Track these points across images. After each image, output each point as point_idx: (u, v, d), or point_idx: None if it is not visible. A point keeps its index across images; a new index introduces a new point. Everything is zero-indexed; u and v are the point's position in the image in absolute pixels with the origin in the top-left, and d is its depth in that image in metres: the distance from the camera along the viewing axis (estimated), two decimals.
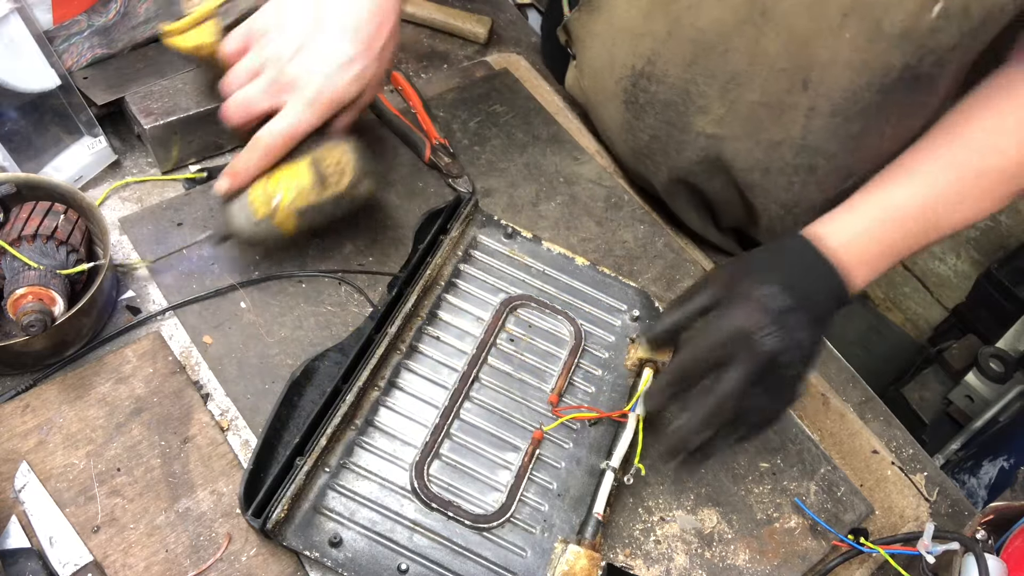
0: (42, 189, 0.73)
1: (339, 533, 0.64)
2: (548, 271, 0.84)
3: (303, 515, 0.64)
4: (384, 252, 0.84)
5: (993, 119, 0.70)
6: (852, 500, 0.77)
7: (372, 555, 0.64)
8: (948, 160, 0.69)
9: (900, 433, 0.87)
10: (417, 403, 0.73)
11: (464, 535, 0.67)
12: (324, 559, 0.63)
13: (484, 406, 0.74)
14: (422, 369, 0.75)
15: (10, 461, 0.65)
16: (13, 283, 0.67)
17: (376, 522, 0.66)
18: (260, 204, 0.73)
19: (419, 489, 0.67)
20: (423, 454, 0.69)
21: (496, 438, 0.72)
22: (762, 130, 0.80)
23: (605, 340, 0.81)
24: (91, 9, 0.89)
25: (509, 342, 0.78)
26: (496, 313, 0.79)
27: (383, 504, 0.67)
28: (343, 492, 0.67)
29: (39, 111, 0.83)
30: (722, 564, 0.71)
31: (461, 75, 1.04)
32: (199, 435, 0.69)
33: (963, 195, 0.70)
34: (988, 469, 1.42)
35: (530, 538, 0.68)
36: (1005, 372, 1.68)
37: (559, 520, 0.69)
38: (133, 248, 0.80)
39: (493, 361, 0.77)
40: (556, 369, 0.78)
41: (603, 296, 0.84)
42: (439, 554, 0.65)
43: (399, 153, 0.93)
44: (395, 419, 0.71)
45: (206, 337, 0.75)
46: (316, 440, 0.66)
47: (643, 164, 0.93)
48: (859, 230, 0.67)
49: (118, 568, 0.62)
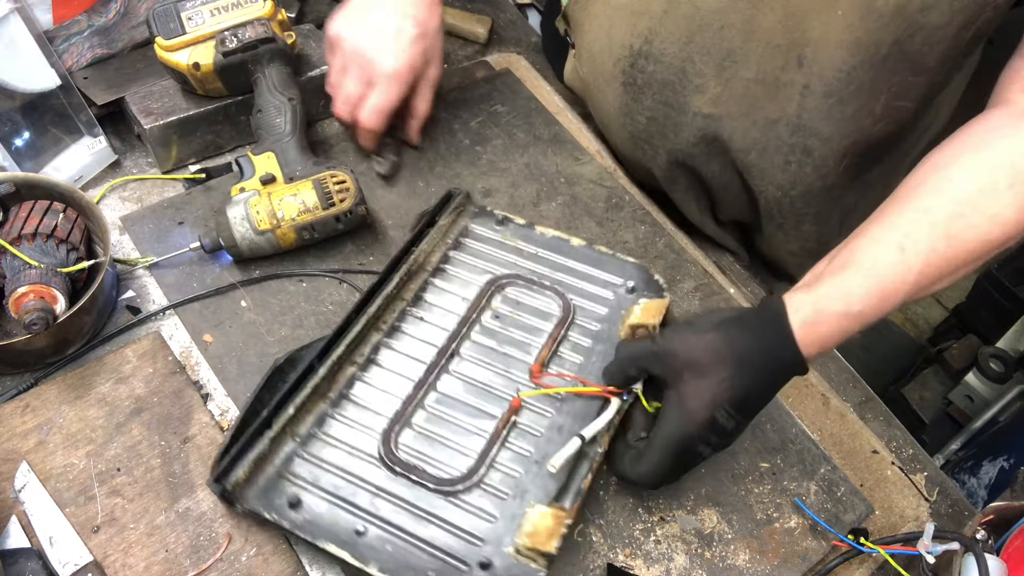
0: (41, 188, 0.73)
1: (299, 496, 0.65)
2: (541, 253, 0.84)
3: (266, 479, 0.65)
4: (384, 252, 0.84)
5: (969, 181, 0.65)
6: (852, 500, 0.77)
7: (331, 517, 0.64)
8: (936, 224, 0.64)
9: (900, 433, 0.87)
10: (394, 377, 0.73)
11: (429, 499, 0.66)
12: (281, 521, 0.63)
13: (462, 379, 0.74)
14: (402, 347, 0.75)
15: (10, 461, 0.65)
16: (14, 282, 0.67)
17: (339, 487, 0.66)
18: (264, 216, 0.76)
19: (385, 455, 0.67)
20: (392, 422, 0.70)
21: (472, 408, 0.72)
22: (758, 108, 0.80)
23: (597, 313, 0.80)
24: (91, 9, 0.89)
25: (494, 319, 0.78)
26: (481, 292, 0.79)
27: (349, 470, 0.67)
28: (310, 459, 0.67)
29: (39, 111, 0.83)
30: (722, 564, 0.71)
31: (462, 75, 1.04)
32: (199, 435, 0.69)
33: (941, 274, 0.65)
34: (988, 469, 1.41)
35: (501, 504, 0.67)
36: (1005, 372, 1.68)
37: (534, 487, 0.68)
38: (134, 247, 0.80)
39: (476, 337, 0.77)
40: (540, 341, 0.77)
41: (598, 272, 0.83)
42: (400, 518, 0.65)
43: (398, 154, 0.93)
44: (370, 392, 0.72)
45: (206, 336, 0.75)
46: (284, 409, 0.67)
47: (641, 149, 0.93)
48: (827, 313, 0.63)
49: (118, 568, 0.62)
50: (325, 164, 0.82)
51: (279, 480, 0.65)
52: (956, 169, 0.66)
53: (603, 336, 0.79)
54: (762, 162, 0.84)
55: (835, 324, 0.63)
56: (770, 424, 0.80)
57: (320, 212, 0.78)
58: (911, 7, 0.68)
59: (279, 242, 0.78)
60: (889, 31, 0.70)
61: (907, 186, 0.68)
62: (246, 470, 0.64)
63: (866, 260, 0.64)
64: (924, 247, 0.63)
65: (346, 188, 0.79)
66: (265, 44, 0.83)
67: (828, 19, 0.71)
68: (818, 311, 0.63)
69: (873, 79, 0.73)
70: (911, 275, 0.63)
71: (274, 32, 0.84)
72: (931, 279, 0.64)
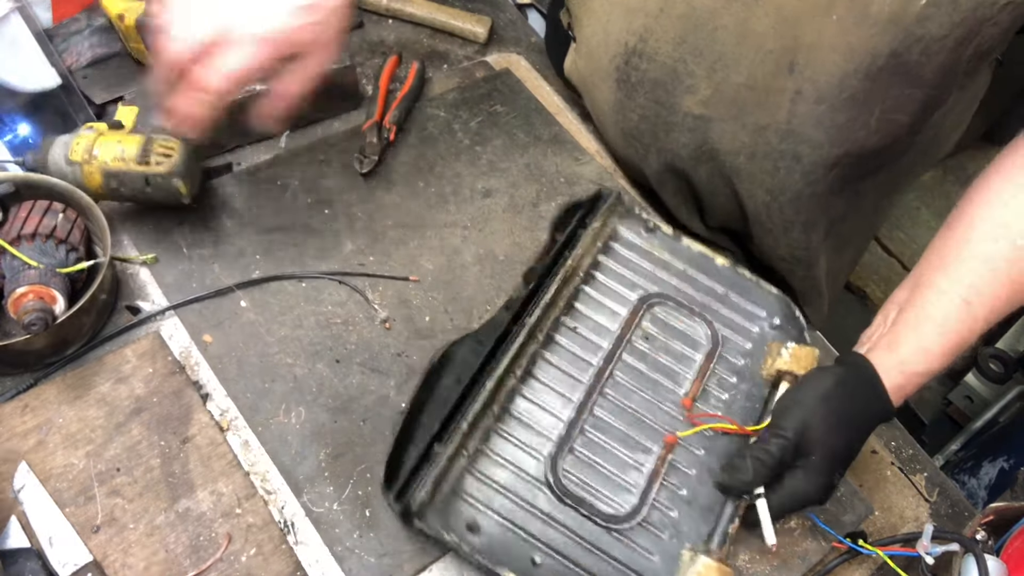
0: (41, 188, 0.73)
1: (476, 519, 0.65)
2: (689, 271, 0.84)
3: (443, 498, 0.65)
4: (384, 252, 0.84)
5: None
6: (852, 501, 0.77)
7: (507, 543, 0.65)
8: (998, 272, 0.70)
9: (900, 433, 0.87)
10: (552, 395, 0.73)
11: (595, 533, 0.67)
12: (462, 544, 0.63)
13: (617, 404, 0.74)
14: (558, 361, 0.75)
15: (10, 461, 0.65)
16: (13, 282, 0.67)
17: (512, 511, 0.67)
18: (81, 150, 0.75)
19: (553, 483, 0.68)
20: (557, 447, 0.70)
21: (628, 437, 0.73)
22: (747, 113, 0.80)
23: (742, 347, 0.80)
24: (90, 8, 0.89)
25: (644, 340, 0.78)
26: (633, 310, 0.79)
27: (518, 493, 0.67)
28: (480, 478, 0.67)
29: (40, 110, 0.83)
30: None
31: (461, 75, 1.04)
32: (199, 435, 0.69)
33: (1003, 314, 0.71)
34: (988, 470, 1.41)
35: (658, 542, 0.68)
36: (1005, 372, 1.68)
37: (687, 527, 0.69)
38: (133, 247, 0.80)
39: (627, 358, 0.77)
40: (690, 372, 0.77)
41: (741, 300, 0.83)
42: (571, 549, 0.66)
43: (399, 153, 0.93)
44: (531, 409, 0.72)
45: (206, 336, 0.75)
46: (457, 424, 0.67)
47: (633, 148, 0.93)
48: (912, 375, 0.70)
49: (118, 568, 0.62)
50: (172, 133, 0.77)
51: (454, 499, 0.66)
52: (1009, 210, 0.70)
53: (746, 374, 0.79)
54: (751, 166, 0.84)
55: (917, 383, 0.71)
56: None
57: (132, 166, 0.75)
58: (907, 17, 0.67)
59: (84, 180, 0.76)
60: (885, 40, 0.69)
61: (961, 225, 0.73)
62: (428, 490, 0.64)
63: (938, 316, 0.70)
64: (988, 297, 0.70)
65: (168, 155, 0.76)
66: None
67: (822, 25, 0.71)
68: (905, 374, 0.70)
69: (868, 89, 0.73)
70: (978, 324, 0.70)
71: None
72: (994, 321, 0.71)
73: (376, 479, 0.69)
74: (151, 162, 0.75)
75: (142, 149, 0.75)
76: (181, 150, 0.76)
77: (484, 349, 0.72)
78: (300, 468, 0.70)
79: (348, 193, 0.88)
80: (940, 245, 0.74)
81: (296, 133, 0.93)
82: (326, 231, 0.85)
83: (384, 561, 0.66)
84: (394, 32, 1.09)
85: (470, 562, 0.64)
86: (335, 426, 0.72)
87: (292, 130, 0.93)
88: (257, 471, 0.69)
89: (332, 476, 0.70)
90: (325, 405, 0.73)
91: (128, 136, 0.77)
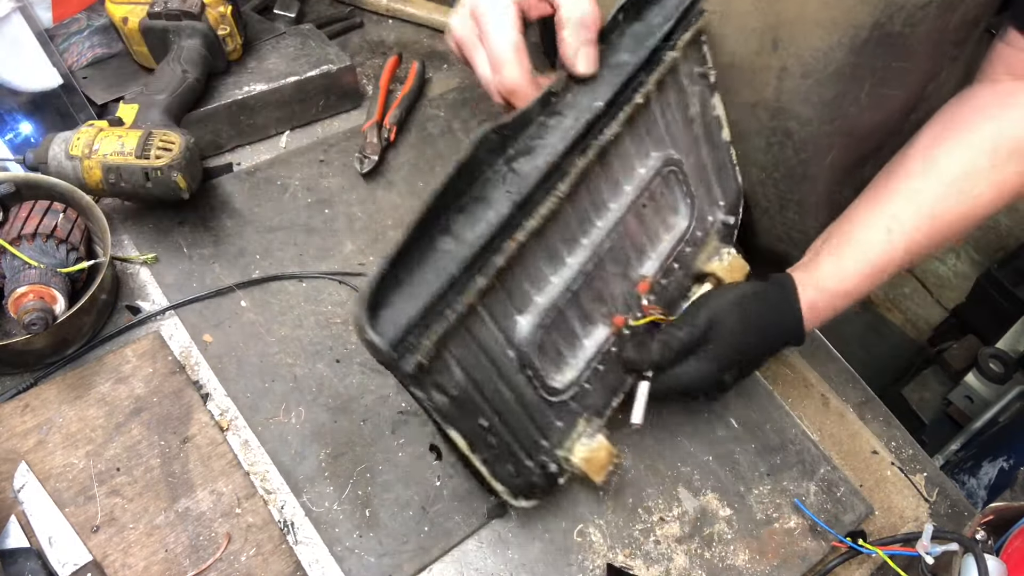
0: (41, 188, 0.73)
1: (448, 378, 0.58)
2: (700, 138, 0.76)
3: (431, 354, 0.55)
4: (384, 252, 0.84)
5: (962, 153, 0.72)
6: (852, 500, 0.77)
7: (463, 404, 0.59)
8: (921, 206, 0.72)
9: (900, 433, 0.87)
10: (560, 250, 0.65)
11: (535, 402, 0.65)
12: (428, 400, 0.56)
13: (599, 275, 0.68)
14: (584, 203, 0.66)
15: (9, 461, 0.65)
16: (14, 282, 0.67)
17: (485, 375, 0.61)
18: (81, 144, 0.76)
19: (525, 350, 0.63)
20: (544, 314, 0.64)
21: (589, 312, 0.68)
22: (734, 92, 0.80)
23: (695, 235, 0.77)
24: (91, 8, 0.89)
25: (646, 204, 0.71)
26: (655, 170, 0.71)
27: (494, 359, 0.61)
28: (468, 338, 0.59)
29: (41, 110, 0.83)
30: (721, 564, 0.71)
31: (462, 75, 1.04)
32: (199, 435, 0.69)
33: (924, 250, 0.73)
34: (988, 470, 1.42)
35: (566, 409, 0.68)
36: (1005, 372, 1.68)
37: (592, 400, 0.69)
38: (133, 246, 0.80)
39: (626, 224, 0.69)
40: (655, 255, 0.73)
41: (714, 180, 0.79)
42: (514, 418, 0.64)
43: (399, 153, 0.93)
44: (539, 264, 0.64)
45: (206, 336, 0.76)
46: (473, 278, 0.56)
47: None
48: (826, 292, 0.72)
49: (117, 568, 0.62)
50: (173, 127, 0.79)
51: (442, 354, 0.56)
52: (942, 151, 0.72)
53: (685, 261, 0.76)
54: (743, 145, 0.84)
55: (830, 302, 0.72)
56: (770, 424, 0.80)
57: (131, 159, 0.75)
58: None
59: (84, 175, 0.76)
60: (866, 11, 0.69)
61: (897, 164, 0.75)
62: (430, 348, 0.54)
63: (859, 239, 0.72)
64: (909, 227, 0.71)
65: (168, 149, 0.76)
66: (188, 19, 0.85)
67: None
68: (818, 289, 0.71)
69: (854, 63, 0.73)
70: (897, 254, 0.71)
71: (204, 14, 0.85)
72: (915, 255, 0.72)
73: (376, 479, 0.70)
74: (151, 156, 0.75)
75: (142, 143, 0.76)
76: (181, 145, 0.77)
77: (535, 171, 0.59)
78: (300, 468, 0.70)
79: (348, 193, 0.88)
80: (875, 182, 0.76)
81: (296, 133, 0.94)
82: (326, 231, 0.85)
83: (384, 561, 0.66)
84: (394, 32, 1.09)
85: (429, 417, 0.60)
86: (335, 426, 0.72)
87: (292, 130, 0.94)
88: (257, 471, 0.69)
89: (332, 476, 0.70)
90: (325, 405, 0.73)
91: (128, 131, 0.77)
